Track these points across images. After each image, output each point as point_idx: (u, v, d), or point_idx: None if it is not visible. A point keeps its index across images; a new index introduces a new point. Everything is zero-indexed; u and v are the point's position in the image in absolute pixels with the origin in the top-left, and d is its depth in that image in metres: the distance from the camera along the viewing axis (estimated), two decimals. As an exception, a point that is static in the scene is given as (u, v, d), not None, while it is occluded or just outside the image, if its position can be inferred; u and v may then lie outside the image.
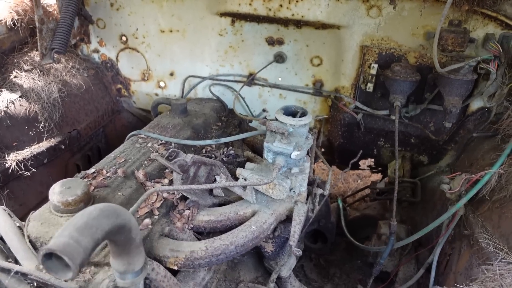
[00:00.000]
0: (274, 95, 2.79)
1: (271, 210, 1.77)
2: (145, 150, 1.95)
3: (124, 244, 1.22)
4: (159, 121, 2.25)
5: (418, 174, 2.73)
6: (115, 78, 3.02)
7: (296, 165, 1.69)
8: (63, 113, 2.53)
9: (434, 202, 2.55)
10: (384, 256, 2.17)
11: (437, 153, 2.56)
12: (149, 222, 1.58)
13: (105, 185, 1.66)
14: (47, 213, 1.50)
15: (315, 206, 1.90)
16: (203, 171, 1.82)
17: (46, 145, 2.40)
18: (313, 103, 2.74)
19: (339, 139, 2.72)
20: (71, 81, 2.66)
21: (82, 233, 1.02)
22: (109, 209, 1.13)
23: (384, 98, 2.38)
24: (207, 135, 2.29)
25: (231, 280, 2.01)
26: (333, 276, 2.85)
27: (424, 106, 2.30)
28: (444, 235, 2.04)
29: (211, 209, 1.77)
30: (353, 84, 2.47)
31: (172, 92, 2.95)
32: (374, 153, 2.73)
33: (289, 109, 1.75)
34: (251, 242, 1.65)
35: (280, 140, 1.62)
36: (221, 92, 2.82)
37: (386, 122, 2.50)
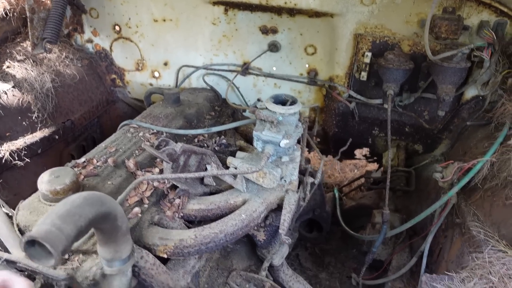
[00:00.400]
0: (268, 85, 2.78)
1: (261, 199, 1.77)
2: (137, 139, 1.95)
3: (110, 232, 1.23)
4: (152, 111, 2.25)
5: (413, 163, 2.72)
6: (109, 68, 3.01)
7: (286, 154, 1.68)
8: (57, 104, 2.53)
9: (428, 191, 2.54)
10: (376, 245, 2.18)
11: (432, 142, 2.55)
12: (139, 210, 1.59)
13: (95, 174, 1.66)
14: (36, 202, 1.50)
15: (306, 195, 1.90)
16: (193, 160, 1.81)
17: (40, 135, 2.41)
18: (307, 93, 2.73)
19: (333, 129, 2.71)
20: (65, 71, 2.65)
21: (65, 221, 1.03)
22: (93, 197, 1.13)
23: (378, 87, 2.36)
24: (200, 125, 2.28)
25: (224, 269, 2.02)
26: (328, 265, 2.87)
27: (418, 95, 2.28)
28: (436, 223, 2.04)
29: (201, 198, 1.78)
30: (347, 73, 2.45)
31: (167, 82, 2.94)
32: (369, 142, 2.72)
33: (279, 98, 1.74)
34: (241, 231, 1.66)
35: (270, 128, 1.62)
36: (215, 82, 2.81)
37: (380, 111, 2.48)
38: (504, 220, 1.69)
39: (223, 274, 1.99)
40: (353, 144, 2.84)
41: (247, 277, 1.99)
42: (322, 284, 2.66)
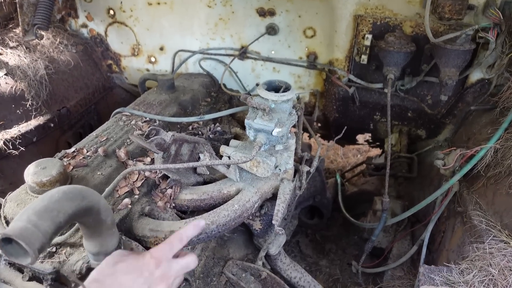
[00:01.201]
0: (267, 69, 2.70)
1: (255, 188, 1.72)
2: (129, 128, 1.91)
3: (94, 226, 1.20)
4: (145, 98, 2.20)
5: (416, 149, 2.65)
6: (105, 53, 2.95)
7: (280, 142, 1.63)
8: (51, 91, 2.49)
9: (431, 177, 2.48)
10: (376, 233, 2.14)
11: (435, 127, 2.47)
12: (129, 201, 1.55)
13: (84, 164, 1.63)
14: (24, 194, 1.47)
15: (302, 184, 1.85)
16: (186, 149, 1.77)
17: (35, 124, 2.37)
18: (307, 77, 2.65)
19: (334, 114, 2.64)
20: (59, 58, 2.60)
21: (42, 217, 0.99)
22: (74, 191, 1.09)
23: (379, 70, 2.28)
24: (195, 112, 2.23)
25: (220, 258, 2.00)
26: (329, 251, 2.84)
27: (421, 79, 2.19)
28: (437, 212, 1.99)
29: (194, 188, 1.74)
30: (347, 56, 2.36)
31: (163, 67, 2.88)
32: (371, 128, 2.65)
33: (272, 84, 1.68)
34: (234, 221, 1.62)
35: (262, 116, 1.56)
36: (212, 67, 2.74)
37: (381, 95, 2.40)
38: (507, 209, 1.63)
39: (219, 263, 1.97)
40: (355, 129, 2.78)
41: (244, 267, 1.96)
42: (322, 271, 2.63)
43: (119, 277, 1.05)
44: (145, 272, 1.09)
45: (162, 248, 1.17)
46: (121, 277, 1.06)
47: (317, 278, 2.55)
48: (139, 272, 1.08)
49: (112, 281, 1.03)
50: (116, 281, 1.04)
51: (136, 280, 1.07)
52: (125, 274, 1.07)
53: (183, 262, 1.21)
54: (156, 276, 1.10)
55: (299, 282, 2.13)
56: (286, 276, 2.13)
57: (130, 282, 1.06)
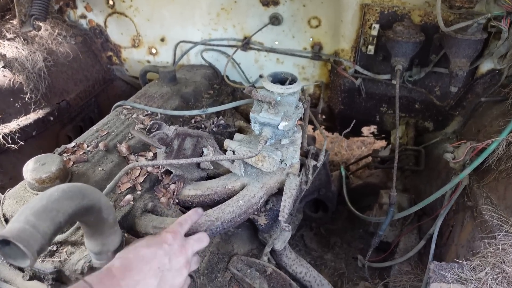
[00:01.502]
0: (271, 60, 2.64)
1: (260, 183, 1.68)
2: (130, 121, 1.86)
3: (95, 225, 1.16)
4: (147, 90, 2.15)
5: (423, 141, 2.60)
6: (104, 45, 2.89)
7: (286, 136, 1.58)
8: (50, 83, 2.43)
9: (439, 170, 2.43)
10: (383, 228, 2.10)
11: (443, 119, 2.42)
12: (131, 198, 1.51)
13: (84, 160, 1.58)
14: (23, 190, 1.43)
15: (309, 179, 1.80)
16: (189, 143, 1.72)
17: (34, 117, 2.33)
18: (312, 68, 2.59)
19: (339, 106, 2.59)
20: (58, 49, 2.54)
21: (40, 218, 0.95)
22: (74, 189, 1.05)
23: (386, 61, 2.21)
24: (197, 104, 2.18)
25: (224, 253, 1.96)
26: (334, 245, 2.81)
27: (429, 69, 2.13)
28: (446, 206, 1.94)
29: (197, 183, 1.69)
30: (353, 46, 2.30)
31: (165, 58, 2.82)
32: (377, 120, 2.60)
33: (277, 76, 1.62)
34: (239, 218, 1.58)
35: (267, 110, 1.51)
36: (214, 58, 2.68)
37: (388, 87, 2.34)
38: (519, 204, 1.59)
39: (224, 259, 1.93)
40: (360, 121, 2.73)
41: (249, 262, 1.93)
42: (327, 265, 2.60)
43: (141, 251, 1.10)
44: (164, 245, 1.15)
45: (174, 225, 1.25)
46: (143, 250, 1.11)
47: (322, 272, 2.52)
48: (159, 245, 1.14)
49: (135, 254, 1.08)
50: (138, 254, 1.09)
51: (157, 252, 1.12)
52: (146, 247, 1.12)
53: (196, 237, 1.30)
54: (175, 248, 1.17)
55: (304, 277, 2.10)
56: (292, 271, 2.10)
57: (152, 254, 1.10)
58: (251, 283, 1.86)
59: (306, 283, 2.11)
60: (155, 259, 1.09)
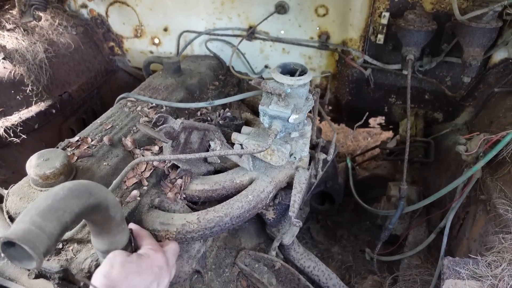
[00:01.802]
0: (276, 50, 2.58)
1: (269, 177, 1.64)
2: (134, 114, 1.81)
3: (102, 223, 1.12)
4: (151, 82, 2.09)
5: (432, 132, 2.55)
6: (106, 35, 2.83)
7: (296, 129, 1.53)
8: (52, 75, 2.38)
9: (448, 162, 2.39)
10: (393, 221, 2.06)
11: (454, 109, 2.37)
12: (137, 193, 1.47)
13: (89, 154, 1.54)
14: (26, 187, 1.39)
15: (318, 172, 1.76)
16: (195, 137, 1.68)
17: (36, 110, 2.28)
18: (318, 58, 2.53)
19: (346, 96, 2.53)
20: (58, 40, 2.48)
21: (46, 218, 0.91)
22: (80, 187, 1.01)
23: (396, 50, 2.16)
24: (202, 96, 2.13)
25: (232, 248, 1.93)
26: (341, 238, 2.78)
27: (441, 59, 2.07)
28: (458, 199, 1.90)
29: (205, 178, 1.65)
30: (362, 35, 2.24)
31: (168, 49, 2.76)
32: (385, 111, 2.54)
33: (287, 67, 1.57)
34: (248, 213, 1.54)
35: (277, 102, 1.46)
36: (219, 48, 2.62)
37: (398, 77, 2.29)
38: (535, 198, 1.55)
39: (231, 254, 1.91)
40: (368, 112, 2.67)
41: (256, 257, 1.90)
42: (334, 258, 2.58)
43: (132, 280, 1.05)
44: (154, 268, 1.12)
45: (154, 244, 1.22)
46: (134, 279, 1.06)
47: (330, 265, 2.49)
48: (150, 270, 1.11)
49: (126, 285, 1.03)
50: (130, 284, 1.04)
51: (147, 279, 1.09)
52: (137, 275, 1.07)
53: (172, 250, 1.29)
54: (163, 270, 1.15)
55: (312, 272, 2.07)
56: (300, 266, 2.07)
57: (143, 282, 1.07)
58: (259, 278, 1.84)
59: (314, 277, 2.08)
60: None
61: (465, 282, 1.40)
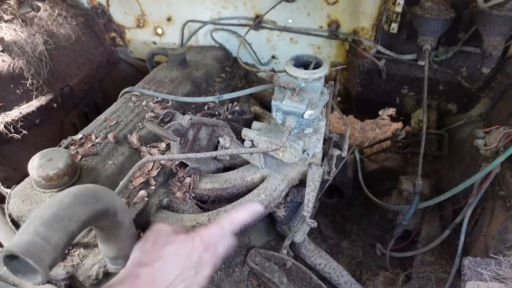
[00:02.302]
0: (284, 40, 2.49)
1: (282, 175, 1.57)
2: (139, 109, 1.74)
3: (111, 229, 1.06)
4: (155, 75, 2.01)
5: (445, 124, 2.47)
6: (107, 25, 2.73)
7: (310, 125, 1.46)
8: (52, 68, 2.30)
9: (462, 154, 2.32)
10: (407, 218, 2.00)
11: (468, 101, 2.28)
12: (145, 194, 1.41)
13: (93, 153, 1.47)
14: (29, 188, 1.33)
15: (332, 169, 1.69)
16: (204, 133, 1.61)
17: (36, 104, 2.20)
18: (328, 48, 2.44)
19: (357, 88, 2.45)
20: (58, 31, 2.39)
21: (51, 228, 0.85)
22: (86, 193, 0.94)
23: (410, 40, 2.07)
24: (209, 89, 2.05)
25: (241, 246, 1.87)
26: (350, 232, 2.72)
27: (458, 49, 1.99)
28: (475, 195, 1.83)
29: (214, 176, 1.59)
30: (375, 24, 2.15)
31: (171, 40, 2.67)
32: (396, 102, 2.46)
33: (300, 59, 1.49)
34: (260, 213, 1.48)
35: (291, 97, 1.38)
36: (224, 38, 2.53)
37: (411, 67, 2.20)
38: (559, 195, 1.48)
39: (241, 253, 1.85)
40: (378, 104, 2.59)
41: (267, 255, 1.84)
42: (344, 253, 2.52)
43: (169, 262, 0.97)
44: (194, 257, 1.02)
45: (212, 232, 1.07)
46: (171, 261, 0.98)
47: (339, 260, 2.44)
48: (189, 256, 1.01)
49: (162, 265, 0.95)
50: (166, 266, 0.96)
51: (186, 264, 1.00)
52: (175, 258, 0.99)
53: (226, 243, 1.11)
54: (204, 260, 1.04)
55: (324, 269, 2.02)
56: (311, 263, 2.01)
57: (180, 267, 0.98)
58: (270, 277, 1.78)
59: (326, 274, 2.03)
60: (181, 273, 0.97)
61: (488, 284, 1.34)
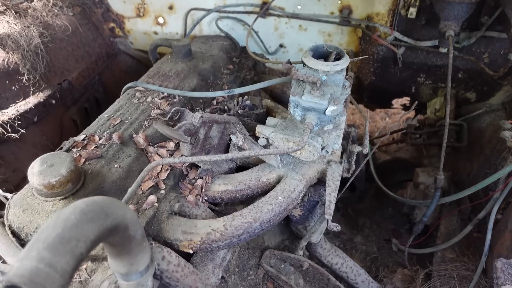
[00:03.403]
0: (292, 27, 2.36)
1: (299, 174, 1.47)
2: (145, 106, 1.62)
3: (122, 244, 0.96)
4: (159, 68, 1.89)
5: (462, 113, 2.36)
6: (106, 15, 2.59)
7: (332, 122, 1.35)
8: (49, 62, 2.17)
9: (481, 145, 2.22)
10: (427, 214, 1.90)
11: (489, 89, 2.17)
12: (155, 199, 1.31)
13: (97, 155, 1.36)
14: (29, 197, 1.22)
15: (352, 166, 1.59)
16: (215, 131, 1.50)
17: (34, 101, 2.09)
18: (339, 35, 2.32)
19: (370, 77, 2.33)
20: (54, 23, 2.26)
21: (57, 252, 0.75)
22: (94, 208, 0.84)
23: (429, 25, 1.95)
24: (217, 82, 1.93)
25: (255, 247, 1.79)
26: (363, 226, 2.64)
27: (481, 34, 1.87)
28: (501, 189, 1.74)
29: (228, 177, 1.48)
30: (391, 9, 2.02)
31: (174, 29, 2.53)
32: (412, 91, 2.35)
33: (318, 50, 1.37)
34: (278, 216, 1.38)
35: (311, 91, 1.27)
36: (230, 27, 2.40)
37: (429, 55, 2.08)
38: None
39: (255, 255, 1.76)
40: (392, 93, 2.48)
41: (282, 257, 1.76)
42: (358, 249, 2.44)
43: None
44: None
45: None
46: None
47: (353, 256, 2.36)
48: None
49: None
50: None
51: None
52: None
53: None
54: None
55: (341, 268, 1.94)
56: (327, 263, 1.93)
57: None
58: (286, 280, 1.70)
59: (343, 274, 1.95)
60: None
61: (525, 288, 1.25)
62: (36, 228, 1.17)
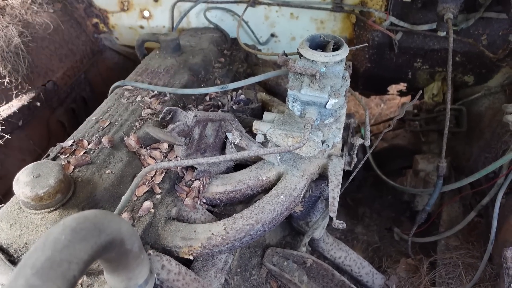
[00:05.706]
0: (283, 16, 2.28)
1: (300, 171, 1.41)
2: (134, 106, 1.55)
3: (118, 260, 0.90)
4: (148, 65, 1.81)
5: (459, 97, 2.32)
6: (88, 11, 2.48)
7: (332, 115, 1.29)
8: (31, 63, 2.08)
9: (480, 129, 2.18)
10: (430, 203, 1.87)
11: (487, 71, 2.12)
12: (150, 205, 1.25)
13: (87, 161, 1.29)
14: (16, 210, 1.15)
15: (353, 159, 1.53)
16: (210, 129, 1.43)
17: (18, 104, 1.99)
18: (332, 22, 2.24)
19: (365, 64, 2.27)
20: (34, 21, 2.15)
21: (47, 277, 0.69)
22: (86, 226, 0.78)
23: (425, 9, 1.89)
24: (208, 77, 1.85)
25: (256, 246, 1.74)
26: (363, 216, 2.60)
27: (480, 15, 1.81)
28: (506, 174, 1.70)
29: (226, 177, 1.42)
30: (386, -7, 1.95)
31: (160, 22, 2.43)
32: (408, 77, 2.29)
33: (315, 40, 1.30)
34: (281, 216, 1.33)
35: (310, 84, 1.20)
36: (219, 18, 2.31)
37: (426, 39, 2.02)
38: None
39: (257, 253, 1.71)
40: (388, 79, 2.43)
41: (285, 254, 1.71)
42: (359, 239, 2.41)
43: None
44: None
45: None
46: None
47: (355, 247, 2.32)
48: None
49: None
50: None
51: None
52: None
53: None
54: None
55: (344, 262, 1.90)
56: (330, 257, 1.90)
57: None
58: (290, 277, 1.65)
59: (346, 267, 1.91)
60: None
61: (537, 278, 1.21)
62: (25, 244, 1.09)
